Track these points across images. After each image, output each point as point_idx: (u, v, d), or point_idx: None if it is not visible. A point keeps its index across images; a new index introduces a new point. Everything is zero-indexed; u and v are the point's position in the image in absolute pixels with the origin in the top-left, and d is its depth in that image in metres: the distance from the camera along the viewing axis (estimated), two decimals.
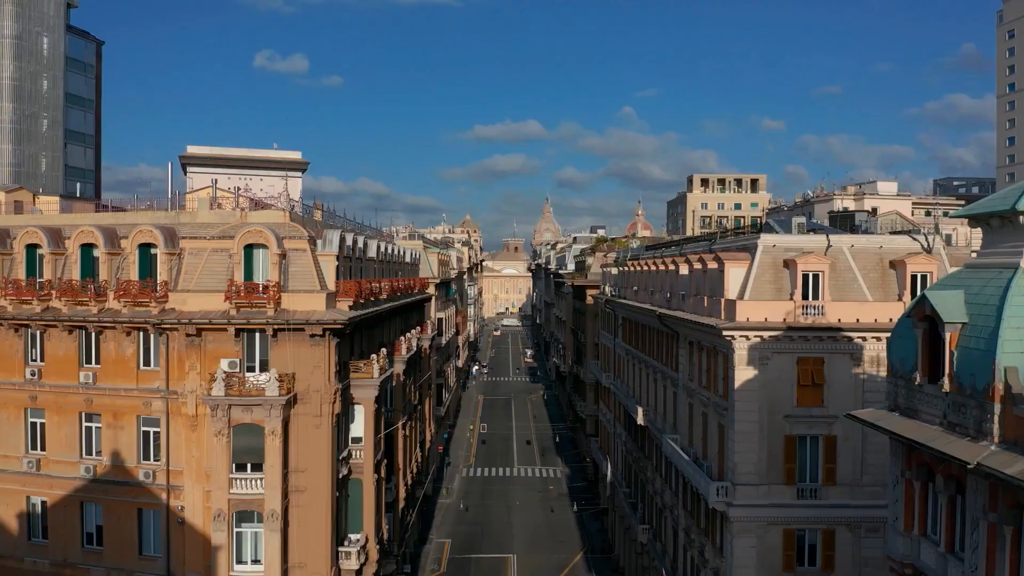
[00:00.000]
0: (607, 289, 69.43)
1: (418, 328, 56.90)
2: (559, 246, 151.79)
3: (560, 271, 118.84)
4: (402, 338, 47.25)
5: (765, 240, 33.73)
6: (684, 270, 42.01)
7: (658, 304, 46.97)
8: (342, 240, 36.13)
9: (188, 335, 33.02)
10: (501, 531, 69.35)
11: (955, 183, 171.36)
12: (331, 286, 34.73)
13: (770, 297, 32.93)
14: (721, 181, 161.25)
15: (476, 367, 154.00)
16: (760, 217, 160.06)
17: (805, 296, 32.63)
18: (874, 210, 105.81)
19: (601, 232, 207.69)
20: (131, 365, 34.61)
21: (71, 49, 71.91)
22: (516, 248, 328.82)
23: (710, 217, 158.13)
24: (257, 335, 33.38)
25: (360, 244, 40.67)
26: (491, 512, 74.60)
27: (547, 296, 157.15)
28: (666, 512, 45.77)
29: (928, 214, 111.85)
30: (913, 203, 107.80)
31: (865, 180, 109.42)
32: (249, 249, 33.44)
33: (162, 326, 32.99)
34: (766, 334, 32.02)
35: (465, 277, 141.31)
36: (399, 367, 46.70)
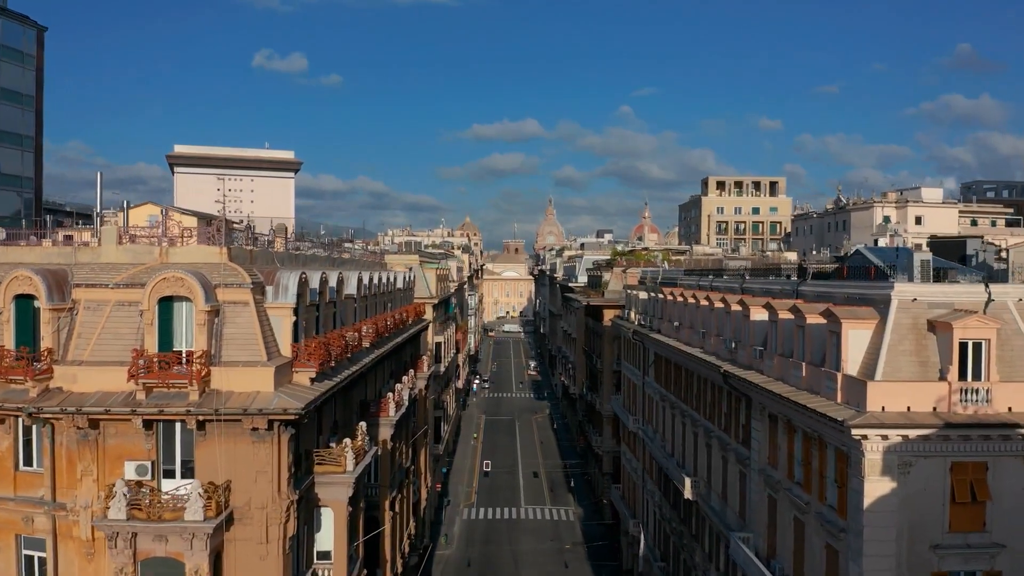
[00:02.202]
0: (633, 315, 59.59)
1: (412, 371, 47.00)
2: (566, 254, 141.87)
3: (569, 283, 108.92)
4: (390, 394, 37.37)
5: (901, 292, 23.78)
6: (758, 315, 32.15)
7: (716, 351, 37.12)
8: (303, 283, 26.18)
9: (79, 427, 23.10)
10: None
11: (984, 187, 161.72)
12: (285, 350, 24.83)
13: (912, 375, 23.03)
14: (738, 184, 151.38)
15: (477, 381, 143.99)
16: (780, 223, 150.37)
17: (963, 375, 22.74)
18: (916, 219, 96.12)
19: (608, 237, 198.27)
20: (7, 464, 24.63)
21: (4, 35, 61.59)
22: (517, 249, 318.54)
23: (726, 222, 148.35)
24: (177, 427, 23.45)
25: (333, 282, 30.73)
26: (497, 568, 64.77)
27: (552, 306, 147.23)
28: None
29: (974, 223, 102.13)
30: (960, 211, 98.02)
31: (907, 186, 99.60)
32: (167, 304, 23.49)
33: (41, 414, 23.04)
34: (912, 432, 22.13)
35: (466, 287, 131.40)
36: (386, 432, 36.82)
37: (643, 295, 57.17)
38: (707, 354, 37.54)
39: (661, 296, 50.17)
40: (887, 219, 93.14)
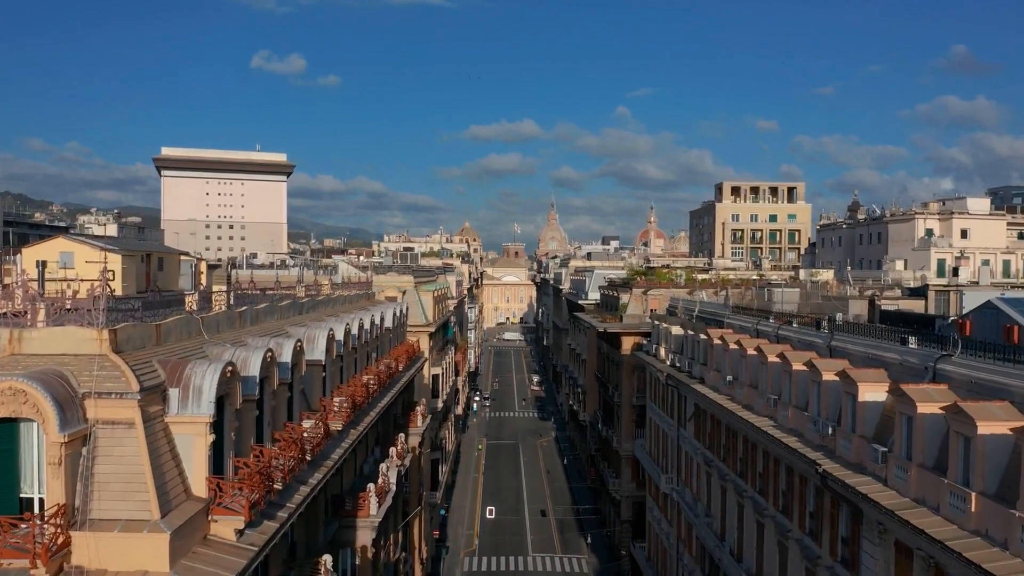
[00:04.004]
0: (663, 352, 50.99)
1: (403, 434, 38.43)
2: (572, 265, 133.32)
3: (579, 300, 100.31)
4: (372, 486, 28.74)
5: None
6: (871, 395, 23.64)
7: (797, 428, 28.55)
8: (230, 377, 17.59)
9: None
10: None
11: (1012, 192, 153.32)
12: (198, 487, 16.25)
13: None
14: (754, 190, 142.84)
15: (477, 399, 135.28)
16: (799, 231, 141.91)
17: None
18: (962, 232, 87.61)
19: (614, 244, 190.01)
20: None
21: None
22: (516, 253, 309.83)
23: (742, 230, 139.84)
24: None
25: (287, 355, 22.08)
26: None
27: (557, 319, 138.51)
28: None
29: (1022, 236, 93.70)
30: (1008, 223, 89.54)
31: (950, 196, 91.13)
32: (7, 427, 14.91)
33: None
34: None
35: (465, 300, 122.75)
36: (366, 536, 28.22)
37: (676, 330, 48.61)
38: (784, 432, 28.96)
39: (704, 337, 41.64)
40: (930, 232, 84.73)
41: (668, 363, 48.73)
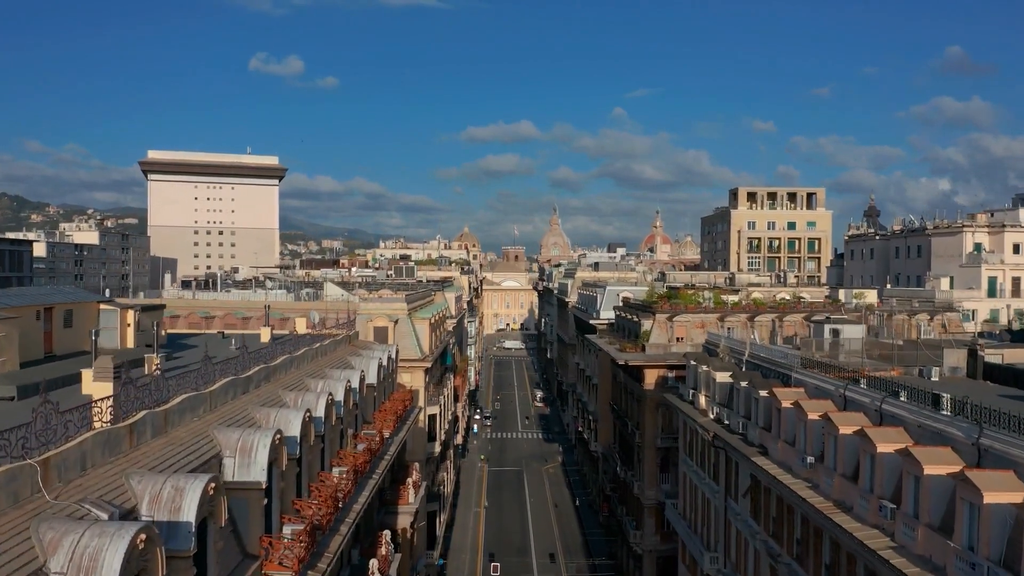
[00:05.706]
0: (703, 400, 42.90)
1: (388, 532, 30.27)
2: (579, 276, 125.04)
3: (589, 319, 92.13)
4: None
5: None
6: None
7: (935, 561, 20.44)
8: None
9: None
10: None
11: None
12: None
13: None
14: (771, 195, 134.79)
15: (478, 417, 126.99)
16: (818, 239, 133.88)
17: None
18: (1014, 247, 79.65)
19: (620, 251, 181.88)
20: None
21: None
22: (516, 256, 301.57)
23: (759, 239, 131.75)
24: None
25: (192, 506, 13.94)
26: None
27: (562, 332, 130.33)
28: None
29: None
30: None
31: (999, 207, 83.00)
32: None
33: None
34: None
35: (465, 315, 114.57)
36: None
37: (722, 377, 40.49)
38: (913, 562, 20.79)
39: (764, 395, 33.53)
40: (979, 247, 76.68)
41: (712, 416, 40.63)
